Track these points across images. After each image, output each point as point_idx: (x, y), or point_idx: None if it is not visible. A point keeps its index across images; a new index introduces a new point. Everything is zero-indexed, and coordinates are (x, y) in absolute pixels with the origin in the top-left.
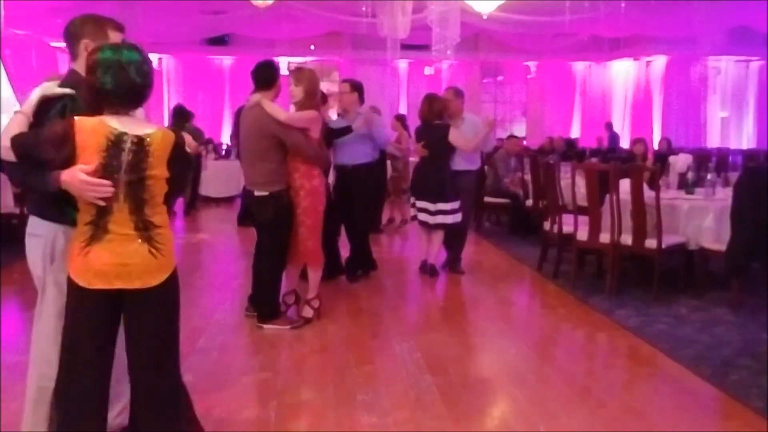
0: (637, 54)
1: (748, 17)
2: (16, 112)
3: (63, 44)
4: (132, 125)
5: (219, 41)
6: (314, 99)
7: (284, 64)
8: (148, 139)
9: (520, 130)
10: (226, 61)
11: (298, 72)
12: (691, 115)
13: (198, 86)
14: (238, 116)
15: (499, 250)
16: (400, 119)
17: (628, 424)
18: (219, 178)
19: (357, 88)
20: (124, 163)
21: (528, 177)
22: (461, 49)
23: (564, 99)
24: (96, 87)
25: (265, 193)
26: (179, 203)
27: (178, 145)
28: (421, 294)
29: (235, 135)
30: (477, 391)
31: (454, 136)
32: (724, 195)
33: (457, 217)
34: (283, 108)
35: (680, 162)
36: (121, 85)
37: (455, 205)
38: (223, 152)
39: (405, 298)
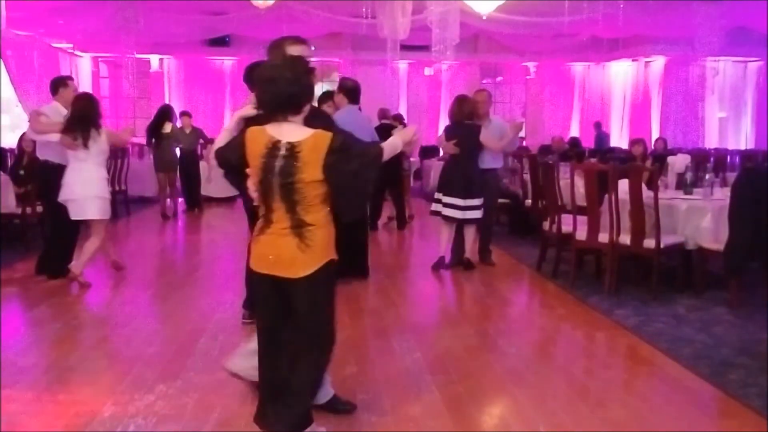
0: (635, 55)
1: (746, 18)
2: (223, 129)
3: (64, 45)
4: (290, 132)
5: (220, 42)
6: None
7: None
8: (300, 146)
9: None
10: (227, 61)
11: None
12: (689, 115)
13: (199, 87)
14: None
15: (498, 249)
16: (397, 119)
17: (627, 423)
18: (220, 178)
19: (343, 88)
20: (276, 168)
21: (527, 177)
22: (461, 50)
23: (563, 99)
24: (257, 99)
25: None
26: (181, 203)
27: (334, 147)
28: (421, 293)
29: None
30: (476, 390)
31: (485, 137)
32: (722, 195)
33: (480, 213)
34: None
35: (678, 162)
36: (270, 96)
37: (480, 201)
38: None
39: (405, 297)
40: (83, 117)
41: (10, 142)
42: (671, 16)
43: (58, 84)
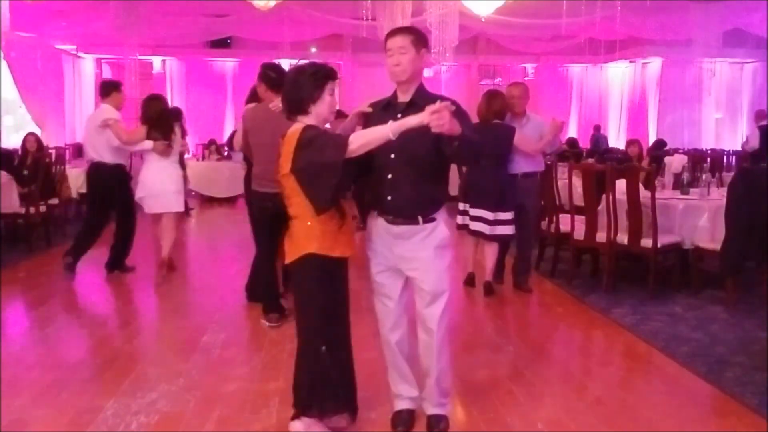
0: (632, 56)
1: (743, 20)
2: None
3: (67, 46)
4: None
5: (222, 44)
6: None
7: (286, 66)
8: None
9: None
10: (229, 63)
11: None
12: (686, 116)
13: (201, 88)
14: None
15: None
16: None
17: (625, 421)
18: (221, 178)
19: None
20: None
21: None
22: (460, 52)
23: (561, 101)
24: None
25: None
26: None
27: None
28: None
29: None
30: (475, 388)
31: (520, 139)
32: (719, 195)
33: (511, 230)
34: None
35: (675, 162)
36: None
37: (511, 215)
38: (225, 153)
39: None
40: (164, 118)
41: (14, 142)
42: (668, 17)
43: (111, 88)
